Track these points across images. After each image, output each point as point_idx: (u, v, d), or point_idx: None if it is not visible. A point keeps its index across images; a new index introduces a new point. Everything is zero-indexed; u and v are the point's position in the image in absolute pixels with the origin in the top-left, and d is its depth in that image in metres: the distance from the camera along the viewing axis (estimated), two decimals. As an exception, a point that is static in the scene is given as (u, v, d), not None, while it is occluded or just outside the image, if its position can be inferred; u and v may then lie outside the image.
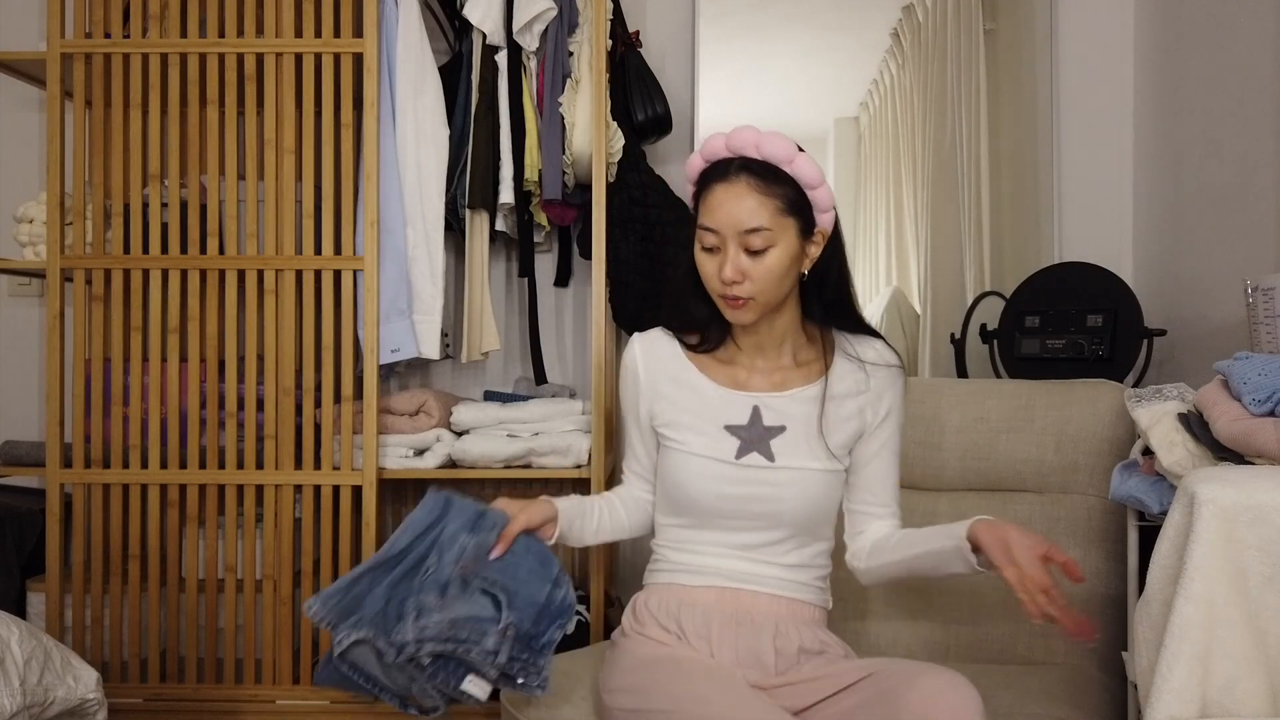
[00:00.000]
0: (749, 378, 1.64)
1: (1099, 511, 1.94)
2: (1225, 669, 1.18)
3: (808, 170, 1.53)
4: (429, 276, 2.41)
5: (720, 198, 1.52)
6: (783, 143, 1.52)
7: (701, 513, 1.60)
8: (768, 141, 1.51)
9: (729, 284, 1.52)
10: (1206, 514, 1.18)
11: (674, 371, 1.65)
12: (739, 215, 1.51)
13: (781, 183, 1.52)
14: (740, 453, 1.58)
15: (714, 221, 1.53)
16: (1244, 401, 1.35)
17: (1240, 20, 2.18)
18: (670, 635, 1.57)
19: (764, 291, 1.53)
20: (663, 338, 1.69)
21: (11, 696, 1.60)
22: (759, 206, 1.51)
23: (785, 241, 1.52)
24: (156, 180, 2.36)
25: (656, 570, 1.67)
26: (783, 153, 1.51)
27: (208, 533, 2.39)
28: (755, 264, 1.51)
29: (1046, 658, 1.89)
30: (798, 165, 1.52)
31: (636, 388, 1.67)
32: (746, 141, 1.52)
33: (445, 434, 2.42)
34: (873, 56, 2.80)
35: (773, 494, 1.57)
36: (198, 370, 2.36)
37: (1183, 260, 2.42)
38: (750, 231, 1.50)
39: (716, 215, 1.52)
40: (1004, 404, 2.05)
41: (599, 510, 1.72)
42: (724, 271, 1.52)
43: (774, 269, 1.52)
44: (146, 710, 2.33)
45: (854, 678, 1.43)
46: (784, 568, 1.59)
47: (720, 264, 1.53)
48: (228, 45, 2.33)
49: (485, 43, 2.43)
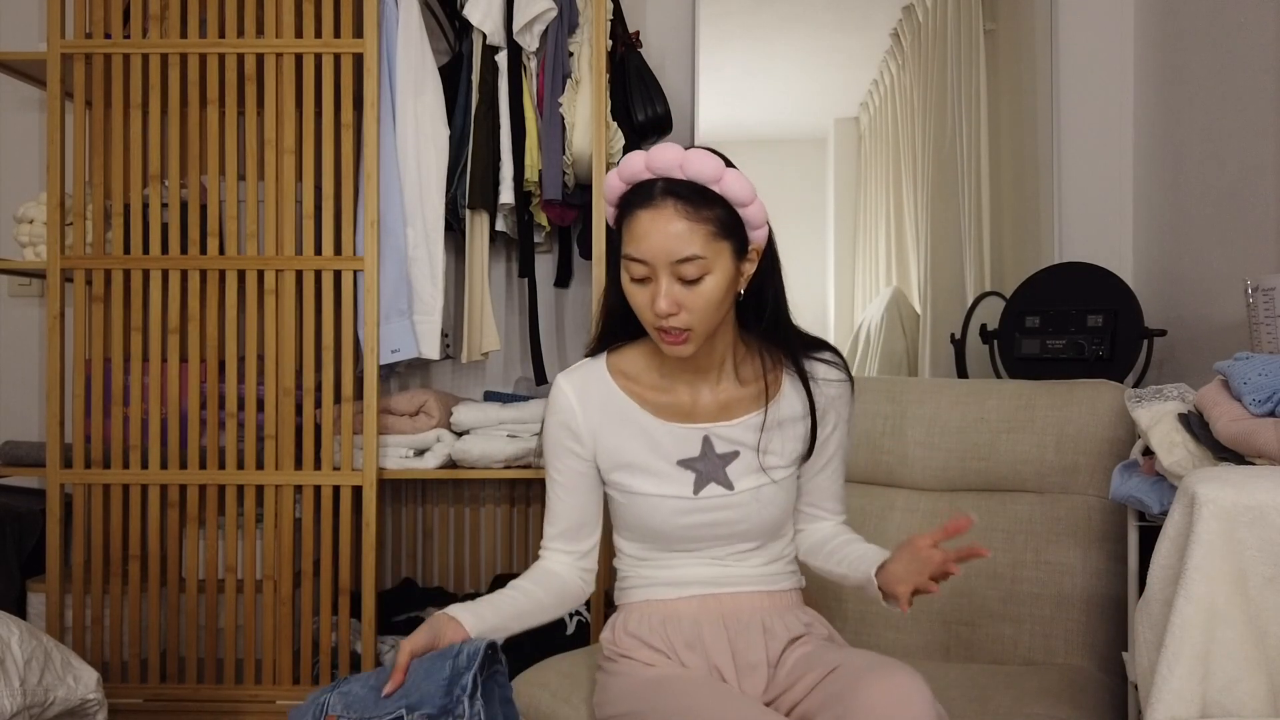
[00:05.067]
0: (693, 407, 1.54)
1: (1099, 511, 1.94)
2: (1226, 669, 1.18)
3: (737, 187, 1.40)
4: (429, 277, 2.41)
5: (646, 226, 1.39)
6: (709, 160, 1.40)
7: (666, 541, 1.56)
8: (693, 161, 1.39)
9: (664, 316, 1.41)
10: (1207, 514, 1.18)
11: (613, 410, 1.54)
12: (669, 245, 1.38)
13: (711, 203, 1.40)
14: (698, 486, 1.53)
15: (641, 252, 1.40)
16: (1244, 402, 1.35)
17: (1240, 21, 2.18)
18: (659, 654, 1.52)
19: (702, 322, 1.42)
20: (592, 376, 1.56)
21: (12, 697, 1.60)
22: (689, 233, 1.38)
23: (720, 267, 1.41)
24: (156, 180, 2.36)
25: (628, 588, 1.60)
26: (710, 171, 1.39)
27: (208, 533, 2.39)
28: (690, 293, 1.40)
29: (1046, 658, 1.89)
30: (726, 183, 1.40)
31: (573, 431, 1.54)
32: (670, 161, 1.40)
33: (445, 434, 2.42)
34: (873, 57, 2.80)
35: (737, 516, 1.53)
36: (198, 370, 2.36)
37: (1183, 260, 2.42)
38: (683, 261, 1.38)
39: (643, 245, 1.39)
40: (1004, 404, 2.05)
41: (518, 606, 1.56)
42: (658, 304, 1.40)
43: (711, 297, 1.41)
44: (147, 710, 2.33)
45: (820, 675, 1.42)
46: (756, 566, 1.58)
47: (653, 295, 1.41)
48: (228, 45, 2.33)
49: (485, 43, 2.43)
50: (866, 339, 2.78)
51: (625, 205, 1.45)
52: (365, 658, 2.33)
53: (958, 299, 2.69)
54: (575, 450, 1.56)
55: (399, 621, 2.53)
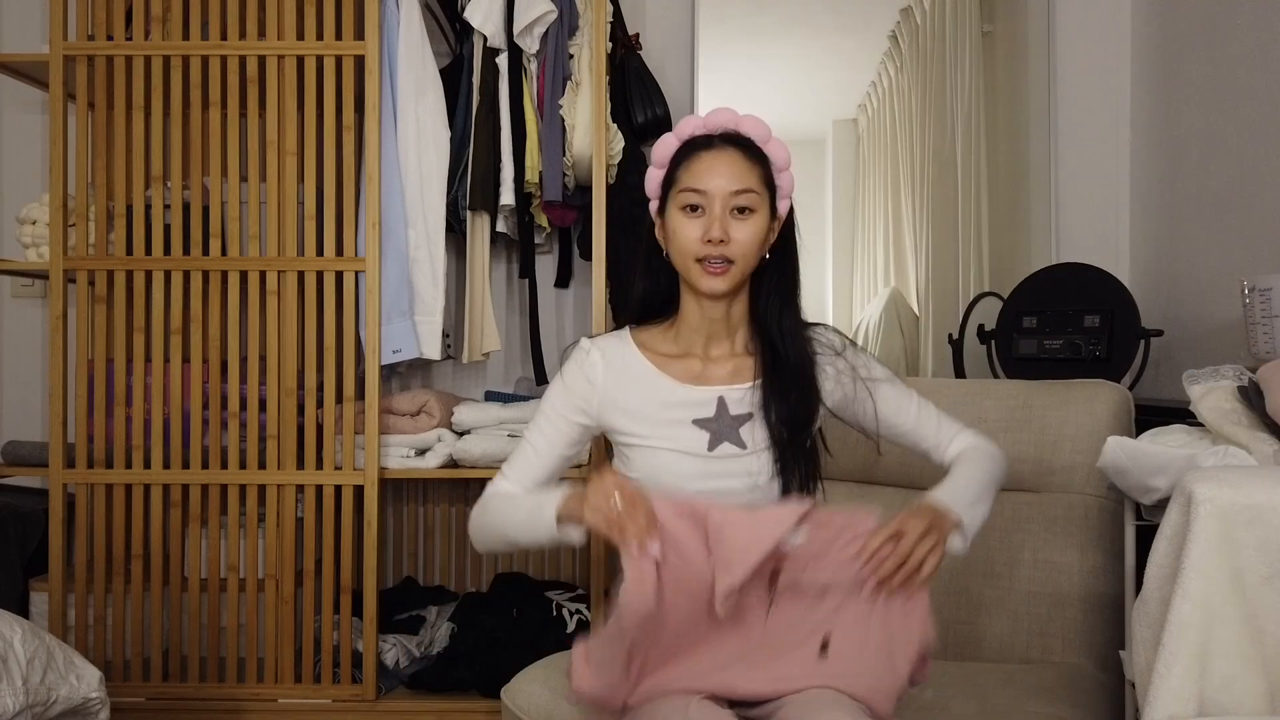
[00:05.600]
0: (705, 370, 1.60)
1: (1096, 511, 1.95)
2: (1223, 668, 1.18)
3: (780, 151, 1.57)
4: (430, 277, 2.42)
5: (708, 162, 1.53)
6: (761, 124, 1.56)
7: None
8: (746, 121, 1.56)
9: (715, 243, 1.50)
10: (1204, 513, 1.19)
11: (634, 371, 1.60)
12: (732, 174, 1.51)
13: (760, 159, 1.55)
14: (712, 444, 1.55)
15: (702, 183, 1.52)
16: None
17: (1236, 22, 2.19)
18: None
19: (744, 258, 1.52)
20: (616, 340, 1.64)
21: (15, 696, 1.61)
22: (748, 170, 1.52)
23: (763, 213, 1.53)
24: (159, 182, 2.37)
25: None
26: (762, 131, 1.56)
27: (210, 532, 2.39)
28: (740, 227, 1.51)
29: (1044, 656, 1.90)
30: (773, 146, 1.56)
31: (588, 389, 1.60)
32: (726, 120, 1.56)
33: (446, 434, 2.43)
34: (871, 59, 2.81)
35: (751, 484, 1.54)
36: (200, 371, 2.37)
37: (1179, 261, 2.43)
38: (740, 192, 1.51)
39: (704, 178, 1.52)
40: (1002, 404, 2.06)
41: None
42: (711, 230, 1.50)
43: (756, 235, 1.52)
44: (149, 709, 2.34)
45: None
46: None
47: (706, 225, 1.51)
48: (229, 48, 2.34)
49: (486, 45, 2.44)
50: (865, 339, 2.79)
51: (682, 153, 1.56)
52: (366, 656, 2.34)
53: (955, 299, 2.70)
54: (581, 406, 1.60)
55: (400, 620, 2.53)
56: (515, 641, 2.38)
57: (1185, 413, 1.57)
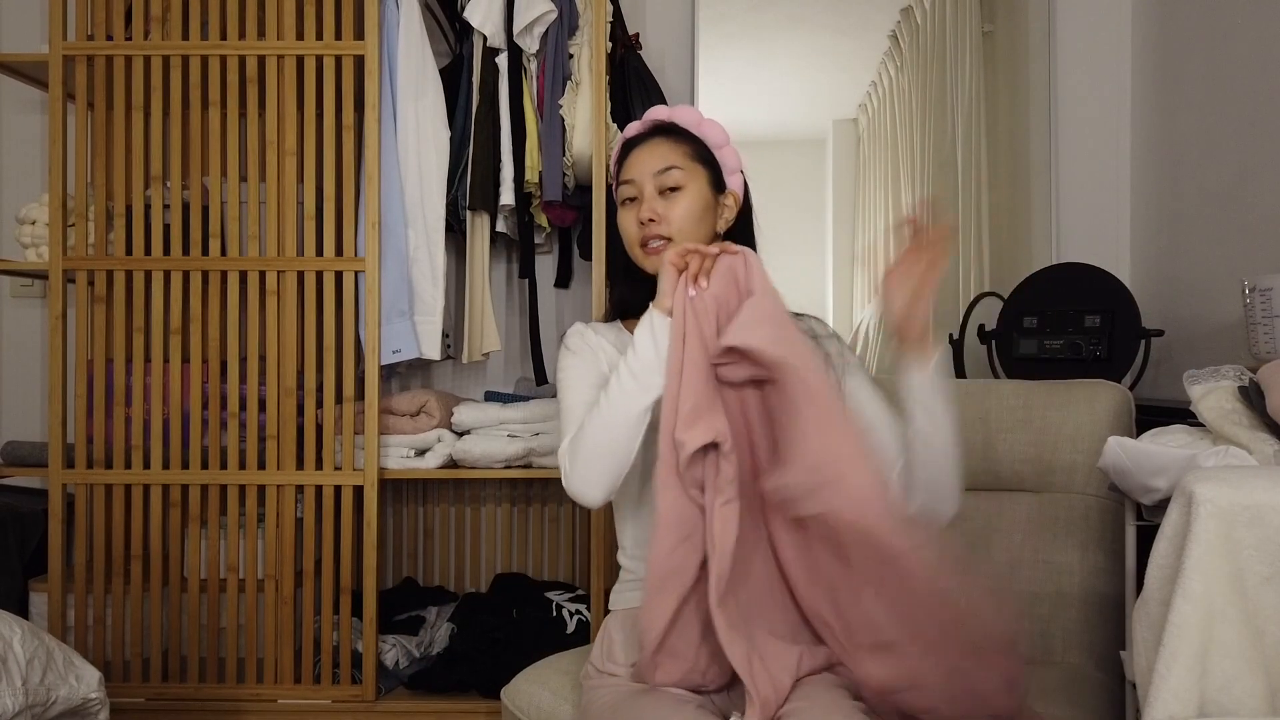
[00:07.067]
0: None
1: (1097, 511, 1.95)
2: (1223, 668, 1.18)
3: (714, 131, 1.62)
4: (430, 277, 2.41)
5: (637, 154, 1.60)
6: (693, 112, 1.62)
7: None
8: (679, 112, 1.63)
9: (645, 224, 1.56)
10: (1204, 514, 1.19)
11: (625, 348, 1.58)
12: (652, 160, 1.57)
13: (691, 140, 1.60)
14: None
15: (631, 173, 1.59)
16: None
17: (1237, 22, 2.19)
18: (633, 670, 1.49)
19: (681, 232, 1.55)
20: (609, 327, 1.68)
21: (14, 696, 1.61)
22: (670, 150, 1.58)
23: (697, 185, 1.57)
24: (158, 182, 2.36)
25: (625, 590, 1.60)
26: (693, 118, 1.62)
27: (209, 533, 2.39)
28: (670, 205, 1.56)
29: (1045, 657, 1.90)
30: (705, 127, 1.62)
31: (594, 356, 1.60)
32: (659, 114, 1.64)
33: (446, 434, 2.43)
34: (871, 59, 2.81)
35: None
36: (199, 371, 2.37)
37: (1180, 261, 2.43)
38: (663, 171, 1.56)
39: (632, 168, 1.59)
40: (1002, 404, 2.06)
41: None
42: (641, 211, 1.56)
43: (690, 209, 1.56)
44: (149, 710, 2.34)
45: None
46: None
47: (638, 211, 1.57)
48: (229, 48, 2.34)
49: (486, 45, 2.44)
50: (865, 340, 2.79)
51: (621, 154, 1.64)
52: (366, 657, 2.34)
53: (956, 299, 2.70)
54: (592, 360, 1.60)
55: (400, 620, 2.53)
56: (515, 642, 2.38)
57: (1186, 413, 1.56)
